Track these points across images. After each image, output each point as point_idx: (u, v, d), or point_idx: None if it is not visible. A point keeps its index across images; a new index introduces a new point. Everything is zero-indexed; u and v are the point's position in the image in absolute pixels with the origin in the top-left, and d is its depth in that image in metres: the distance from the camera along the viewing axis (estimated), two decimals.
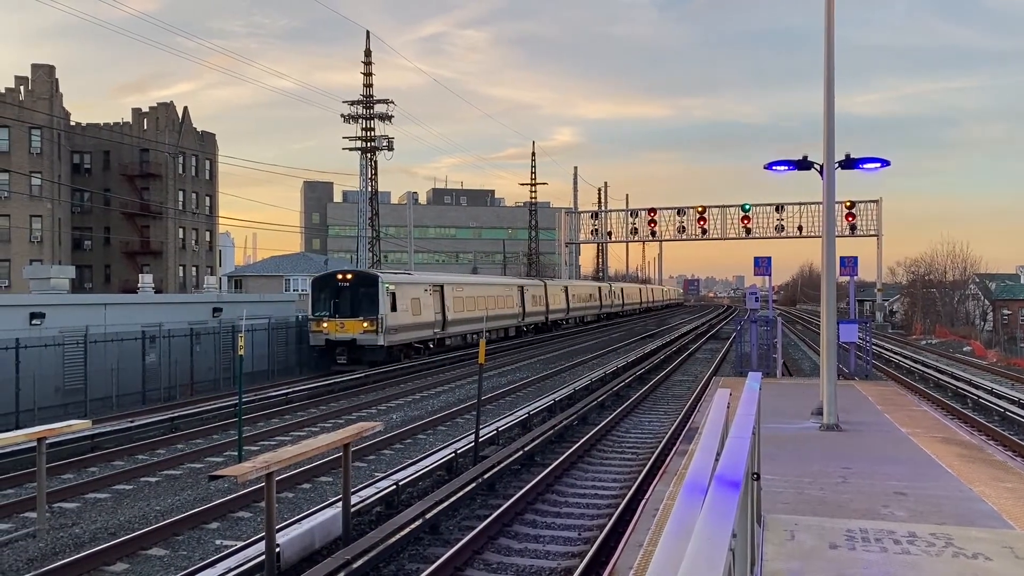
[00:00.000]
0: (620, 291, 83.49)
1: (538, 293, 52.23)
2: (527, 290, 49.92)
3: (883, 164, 15.74)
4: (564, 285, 59.98)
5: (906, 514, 8.59)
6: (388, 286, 30.68)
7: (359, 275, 31.62)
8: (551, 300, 54.66)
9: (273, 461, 8.28)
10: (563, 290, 58.53)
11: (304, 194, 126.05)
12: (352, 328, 29.36)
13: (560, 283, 60.43)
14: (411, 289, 33.15)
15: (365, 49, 61.28)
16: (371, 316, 29.55)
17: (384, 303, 30.08)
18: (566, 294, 59.05)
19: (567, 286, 60.38)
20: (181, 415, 19.01)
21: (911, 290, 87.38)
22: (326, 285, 31.18)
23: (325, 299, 30.66)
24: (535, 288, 52.18)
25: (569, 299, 59.65)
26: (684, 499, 3.16)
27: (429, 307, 34.55)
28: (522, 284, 50.16)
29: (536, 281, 54.68)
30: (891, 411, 16.47)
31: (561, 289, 58.35)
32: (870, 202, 62.99)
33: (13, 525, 11.17)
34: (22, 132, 58.85)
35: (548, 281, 57.36)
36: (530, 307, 49.74)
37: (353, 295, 30.38)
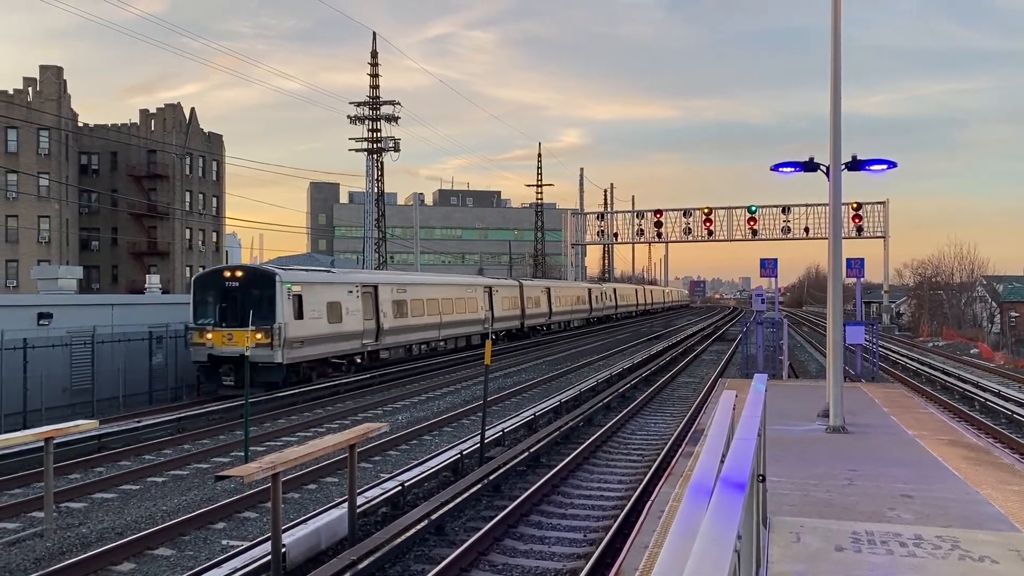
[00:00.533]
0: (612, 292, 76.92)
1: (511, 295, 46.35)
2: (497, 291, 43.89)
3: (890, 166, 15.71)
4: (546, 286, 54.56)
5: (912, 516, 8.57)
6: (290, 286, 24.14)
7: (251, 272, 25.18)
8: (529, 303, 49.04)
9: (279, 462, 8.30)
10: (544, 291, 52.98)
11: (310, 195, 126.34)
12: (241, 340, 22.04)
13: (540, 283, 55.15)
14: (326, 290, 26.43)
15: (372, 50, 61.41)
16: (266, 325, 22.99)
17: (284, 308, 23.58)
18: (548, 296, 53.49)
19: (549, 287, 55.00)
20: (187, 415, 19.06)
21: (918, 292, 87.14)
22: (211, 285, 24.59)
23: (210, 303, 24.19)
24: (508, 289, 46.40)
25: (552, 301, 54.07)
26: (689, 500, 3.17)
27: (356, 313, 27.73)
28: (490, 284, 43.55)
29: (509, 281, 48.74)
30: (897, 413, 16.42)
31: (541, 290, 52.85)
32: (877, 204, 62.84)
33: (21, 524, 11.22)
34: (30, 133, 59.09)
35: (526, 281, 52.05)
36: (502, 311, 44.09)
37: (244, 298, 23.79)
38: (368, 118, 61.60)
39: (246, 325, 22.57)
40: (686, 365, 33.98)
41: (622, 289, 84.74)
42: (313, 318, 25.04)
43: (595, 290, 68.76)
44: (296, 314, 24.19)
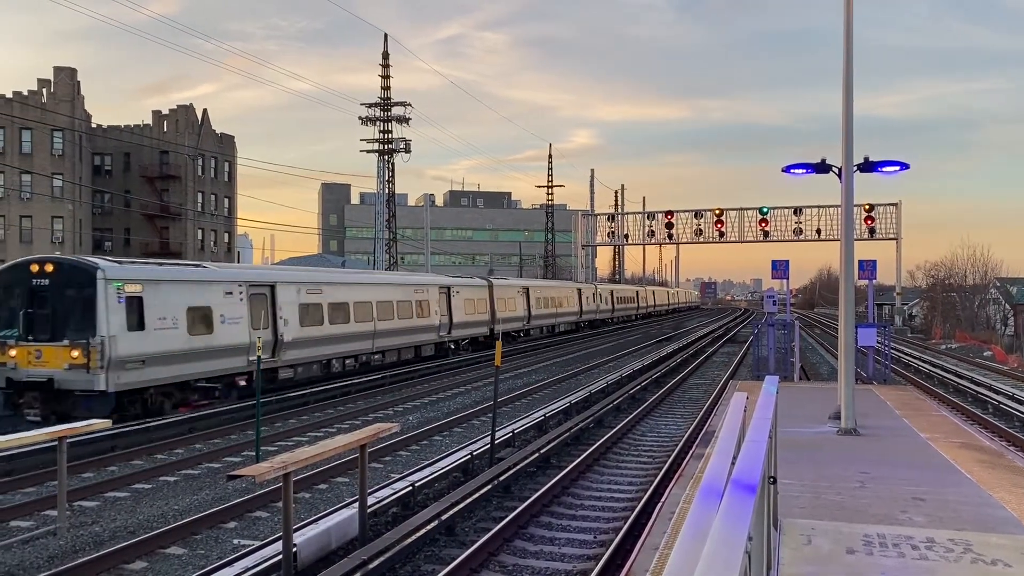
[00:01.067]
0: (609, 294, 69.78)
1: (477, 296, 39.42)
2: (459, 293, 36.64)
3: (902, 167, 15.64)
4: (523, 286, 47.94)
5: (924, 519, 8.53)
6: (120, 285, 18.07)
7: (65, 266, 18.55)
8: (501, 305, 42.11)
9: (291, 461, 8.34)
10: (521, 292, 46.57)
11: (322, 196, 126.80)
12: (52, 359, 17.38)
13: (517, 283, 48.00)
14: (185, 291, 19.96)
15: (383, 51, 61.63)
16: (82, 339, 17.39)
17: (110, 315, 17.65)
18: (526, 298, 47.04)
19: (528, 287, 48.20)
20: (199, 415, 19.14)
21: (931, 294, 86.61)
22: (15, 283, 18.50)
23: (14, 308, 18.24)
24: (473, 290, 39.20)
25: (531, 304, 47.54)
26: (700, 502, 3.17)
27: (237, 321, 21.16)
28: (449, 285, 35.99)
29: (475, 281, 41.34)
30: (910, 416, 16.34)
31: (518, 291, 46.19)
32: (889, 205, 62.55)
33: (34, 523, 11.30)
34: (44, 134, 59.52)
35: (498, 280, 44.68)
36: (465, 315, 37.02)
37: (56, 302, 18.02)
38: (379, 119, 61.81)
39: (59, 339, 17.55)
40: (697, 367, 33.90)
41: (620, 290, 77.27)
42: (163, 328, 18.95)
43: (586, 291, 61.66)
44: (132, 323, 18.22)
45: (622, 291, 78.00)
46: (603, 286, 70.62)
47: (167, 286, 19.58)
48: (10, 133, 59.53)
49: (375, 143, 62.23)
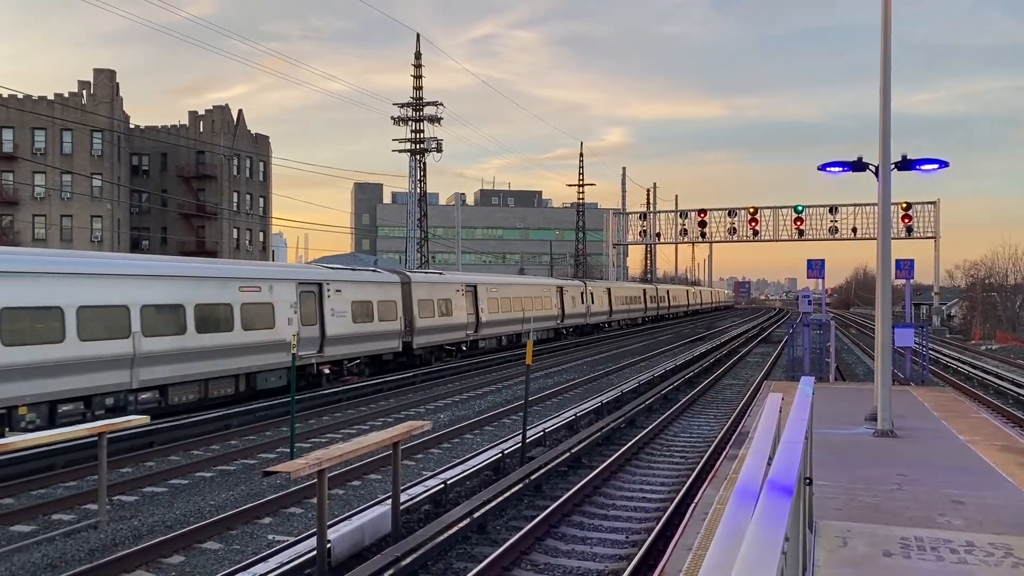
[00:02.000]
0: (606, 293, 57.91)
1: (387, 297, 27.64)
2: (341, 292, 24.99)
3: (941, 165, 15.38)
4: (466, 283, 35.48)
5: (963, 523, 8.38)
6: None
7: None
8: (422, 309, 30.21)
9: (325, 458, 8.42)
10: (464, 293, 34.49)
11: (354, 195, 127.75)
12: None
13: (455, 280, 34.77)
14: None
15: (415, 51, 61.88)
16: None
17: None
18: (474, 300, 35.30)
19: (476, 285, 36.00)
20: (235, 412, 19.38)
21: (970, 294, 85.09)
22: None
23: None
24: (382, 288, 27.57)
25: (481, 307, 35.90)
26: (736, 502, 3.15)
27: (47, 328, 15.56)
28: (320, 279, 24.20)
29: (387, 277, 28.89)
30: (948, 418, 16.07)
31: (459, 290, 33.87)
32: (927, 203, 61.51)
33: (76, 516, 11.54)
34: (84, 135, 60.70)
35: (419, 276, 31.80)
36: (351, 325, 25.20)
37: None
38: (411, 119, 62.12)
39: None
40: (730, 367, 33.63)
41: (621, 289, 64.95)
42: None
43: (571, 290, 49.87)
44: None
45: (624, 290, 65.82)
46: (596, 283, 58.30)
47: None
48: (51, 134, 60.76)
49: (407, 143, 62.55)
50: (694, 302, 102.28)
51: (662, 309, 78.89)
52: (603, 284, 60.09)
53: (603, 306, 56.57)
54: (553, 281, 49.50)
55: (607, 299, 58.01)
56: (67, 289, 16.21)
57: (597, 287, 56.71)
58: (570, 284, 51.30)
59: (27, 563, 9.38)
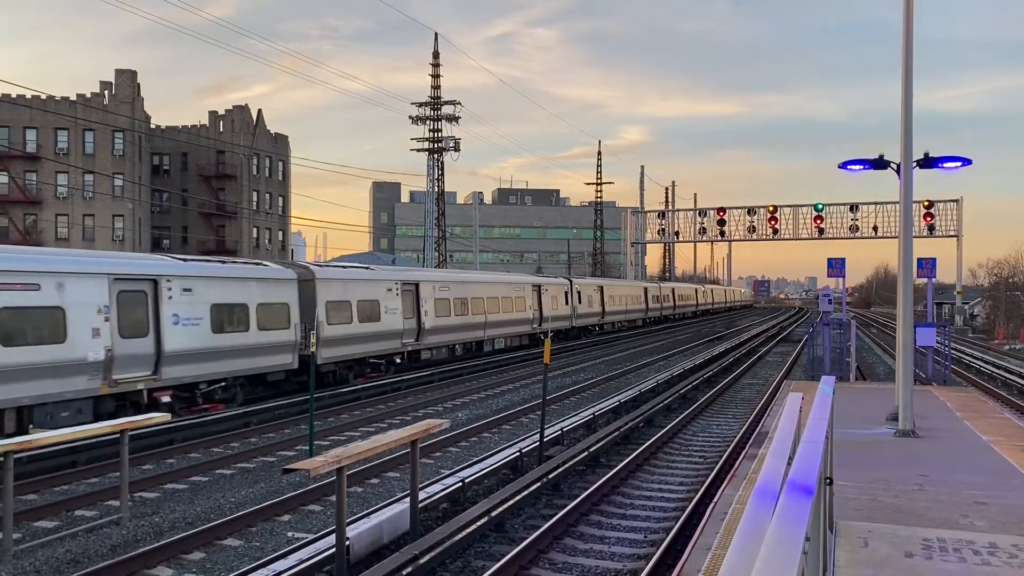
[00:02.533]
0: (597, 292, 51.06)
1: (273, 299, 21.46)
2: (261, 290, 20.99)
3: (964, 163, 15.22)
4: (407, 281, 28.39)
5: (986, 524, 8.29)
6: None
7: None
8: (338, 312, 23.97)
9: (344, 456, 8.46)
10: (400, 292, 27.26)
11: (372, 194, 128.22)
12: None
13: (388, 276, 27.62)
14: None
15: (433, 51, 62.02)
16: None
17: None
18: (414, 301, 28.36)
19: (418, 283, 28.94)
20: (254, 410, 19.51)
21: (993, 293, 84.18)
22: None
23: None
24: (264, 286, 21.27)
25: (424, 312, 28.86)
26: (755, 503, 3.13)
27: None
28: (193, 275, 19.06)
29: (275, 272, 22.08)
30: (971, 418, 15.90)
31: (392, 289, 26.87)
32: (950, 201, 60.89)
33: (98, 512, 11.66)
34: (106, 135, 61.31)
35: (325, 272, 24.49)
36: (240, 335, 20.05)
37: None
38: (429, 118, 62.26)
39: None
40: (749, 367, 33.46)
41: (617, 288, 57.47)
42: None
43: (551, 289, 42.87)
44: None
45: (620, 288, 58.20)
46: (585, 281, 52.05)
47: None
48: (74, 134, 61.41)
49: (425, 142, 62.71)
50: (705, 301, 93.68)
51: (667, 309, 71.66)
52: (594, 282, 53.65)
53: (593, 307, 49.90)
54: (527, 278, 42.02)
55: (598, 299, 51.16)
56: None
57: (586, 285, 50.05)
58: (551, 282, 44.22)
59: (51, 558, 9.49)
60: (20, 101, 58.66)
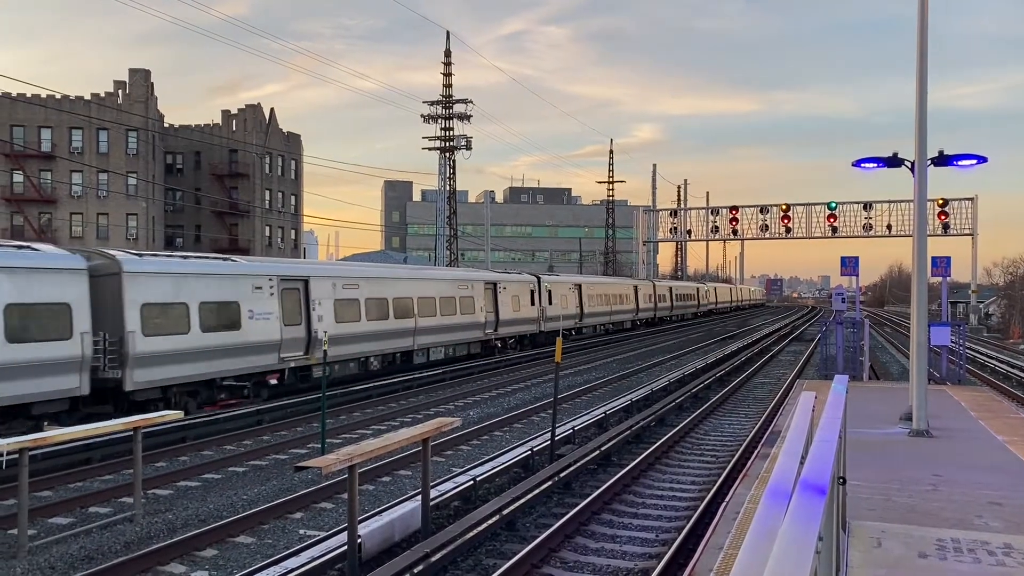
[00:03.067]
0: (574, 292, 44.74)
1: (43, 297, 15.57)
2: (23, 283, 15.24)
3: (980, 161, 15.10)
4: (290, 276, 22.21)
5: (1002, 525, 8.23)
6: None
7: None
8: (166, 319, 18.20)
9: (356, 454, 8.48)
10: (279, 291, 21.42)
11: (384, 193, 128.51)
12: None
13: (257, 270, 21.24)
14: None
15: (445, 49, 62.06)
16: None
17: None
18: (300, 303, 22.27)
19: (308, 278, 22.61)
20: (266, 408, 19.59)
21: (1009, 292, 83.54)
22: None
23: None
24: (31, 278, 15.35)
25: (318, 317, 22.72)
26: (768, 502, 3.12)
27: None
28: None
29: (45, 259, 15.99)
30: (986, 417, 15.78)
31: (263, 287, 20.93)
32: (965, 200, 60.42)
33: (112, 509, 11.74)
34: (119, 134, 61.66)
35: (143, 264, 18.09)
36: None
37: None
38: (441, 117, 62.32)
39: None
40: (762, 366, 33.33)
41: (600, 286, 50.59)
42: None
43: (511, 288, 36.17)
44: None
45: (603, 287, 51.06)
46: (557, 279, 44.39)
47: None
48: (88, 134, 61.82)
49: (437, 141, 62.77)
50: (708, 301, 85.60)
51: (662, 310, 64.88)
52: (569, 279, 46.45)
53: (568, 308, 43.35)
54: (478, 275, 34.78)
55: (575, 299, 44.79)
56: None
57: (558, 283, 42.99)
58: (511, 280, 36.92)
59: (65, 554, 9.56)
60: (35, 101, 59.09)
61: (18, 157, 60.68)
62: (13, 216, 61.08)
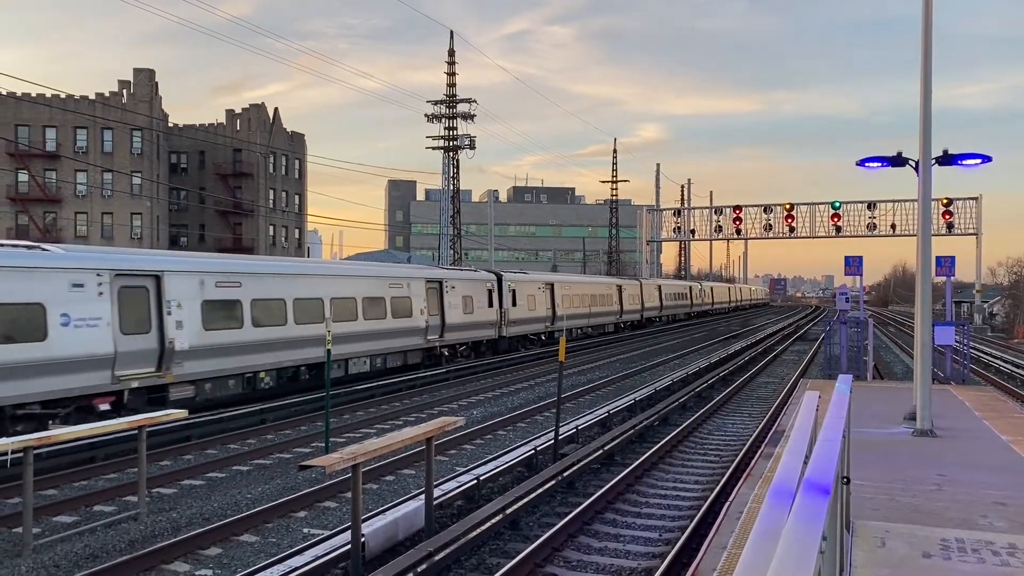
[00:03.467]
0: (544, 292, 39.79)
1: None
2: None
3: (984, 160, 15.07)
4: (135, 270, 17.26)
5: (1006, 525, 8.22)
6: None
7: None
8: None
9: (360, 453, 8.49)
10: (108, 289, 16.38)
11: (388, 192, 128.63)
12: None
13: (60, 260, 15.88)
14: None
15: (449, 49, 62.06)
16: None
17: None
18: (150, 307, 17.43)
19: (161, 273, 17.72)
20: (270, 407, 19.62)
21: (1013, 291, 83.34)
22: None
23: None
24: None
25: (178, 322, 17.92)
26: (772, 501, 3.12)
27: None
28: None
29: None
30: (990, 417, 15.76)
31: (80, 285, 15.86)
32: (969, 199, 60.33)
33: (117, 508, 11.76)
34: (124, 134, 61.79)
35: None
36: None
37: None
38: (445, 116, 62.32)
39: None
40: (765, 365, 33.30)
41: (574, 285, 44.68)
42: None
43: (460, 287, 31.07)
44: None
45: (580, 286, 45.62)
46: (523, 278, 38.56)
47: None
48: (92, 133, 61.96)
49: (440, 140, 62.78)
50: (703, 301, 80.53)
51: (651, 311, 60.06)
52: (539, 277, 41.21)
53: (537, 310, 38.68)
54: (418, 271, 29.65)
55: (546, 299, 39.96)
56: None
57: (525, 282, 37.80)
58: (462, 277, 32.26)
59: (70, 553, 9.58)
60: (40, 100, 59.23)
61: (23, 156, 60.82)
62: (18, 215, 61.24)
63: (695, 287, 79.84)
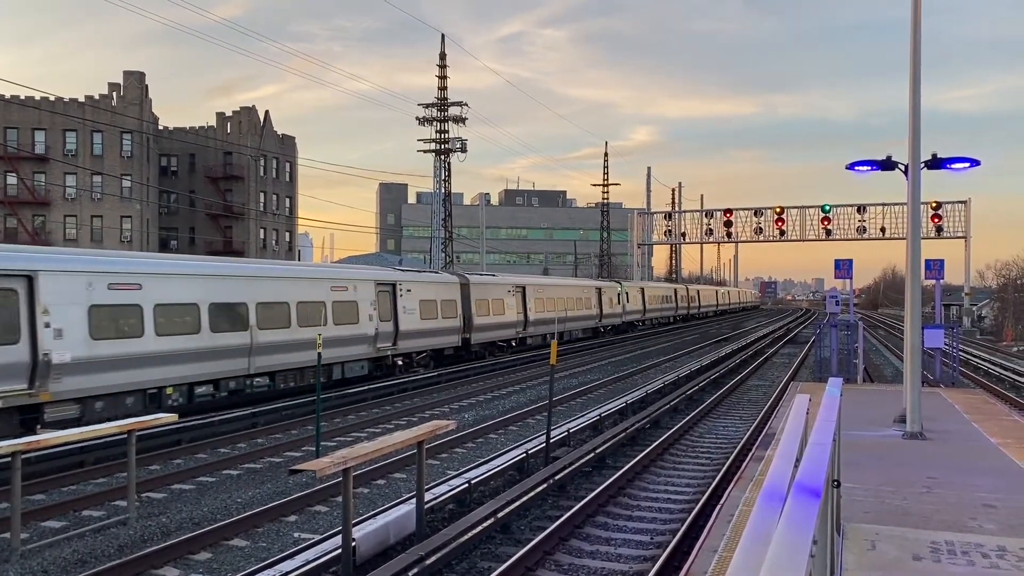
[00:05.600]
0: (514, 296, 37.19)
1: None
2: None
3: (972, 164, 15.16)
4: None
5: (996, 527, 8.25)
6: None
7: None
8: None
9: (350, 457, 8.47)
10: None
11: (380, 195, 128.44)
12: None
13: None
14: None
15: (440, 52, 62.08)
16: None
17: None
18: (22, 313, 14.75)
19: (36, 273, 15.00)
20: (261, 411, 19.55)
21: (1002, 295, 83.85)
22: None
23: None
24: None
25: (57, 330, 15.17)
26: (763, 505, 3.12)
27: None
28: None
29: None
30: (979, 420, 15.83)
31: None
32: (958, 203, 60.67)
33: (106, 512, 11.69)
34: (114, 136, 61.54)
35: None
36: None
37: None
38: (436, 119, 62.32)
39: None
40: (756, 368, 33.39)
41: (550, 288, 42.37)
42: None
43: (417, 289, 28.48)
44: None
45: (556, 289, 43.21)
46: (488, 280, 35.76)
47: None
48: (82, 136, 61.68)
49: (432, 143, 62.77)
50: (688, 305, 77.29)
51: (632, 315, 57.23)
52: (509, 280, 38.12)
53: (506, 314, 36.08)
54: (366, 273, 26.68)
55: (517, 303, 37.46)
56: None
57: (492, 285, 35.37)
58: (420, 280, 29.32)
59: (58, 558, 9.52)
60: (29, 103, 58.92)
61: (12, 159, 60.50)
62: (7, 218, 60.90)
63: (680, 290, 76.76)
